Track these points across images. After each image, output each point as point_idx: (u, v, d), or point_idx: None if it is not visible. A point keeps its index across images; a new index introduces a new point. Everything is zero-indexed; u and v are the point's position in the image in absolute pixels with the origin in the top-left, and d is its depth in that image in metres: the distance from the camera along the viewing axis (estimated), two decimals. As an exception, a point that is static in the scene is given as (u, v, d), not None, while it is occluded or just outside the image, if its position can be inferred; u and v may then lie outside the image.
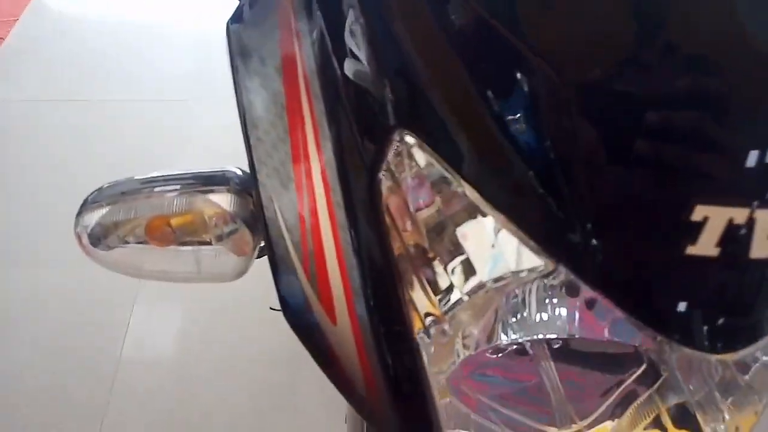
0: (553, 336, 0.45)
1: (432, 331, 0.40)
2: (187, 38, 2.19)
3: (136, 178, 0.50)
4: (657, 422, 0.46)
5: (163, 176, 0.50)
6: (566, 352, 0.46)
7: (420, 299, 0.40)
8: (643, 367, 0.46)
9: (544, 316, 0.44)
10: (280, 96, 0.42)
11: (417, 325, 0.40)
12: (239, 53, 0.44)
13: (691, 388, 0.45)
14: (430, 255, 0.39)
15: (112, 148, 1.80)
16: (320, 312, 0.42)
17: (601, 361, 0.47)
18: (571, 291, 0.44)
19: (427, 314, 0.40)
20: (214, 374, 1.37)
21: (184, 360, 1.40)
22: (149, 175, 0.50)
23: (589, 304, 0.45)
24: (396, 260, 0.40)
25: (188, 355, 1.41)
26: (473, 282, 0.38)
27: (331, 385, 0.44)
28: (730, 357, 0.39)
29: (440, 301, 0.39)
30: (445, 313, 0.39)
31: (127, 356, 1.41)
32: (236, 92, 0.45)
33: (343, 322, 0.42)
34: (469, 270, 0.38)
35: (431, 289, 0.39)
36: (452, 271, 0.38)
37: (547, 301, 0.44)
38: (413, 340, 0.40)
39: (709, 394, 0.45)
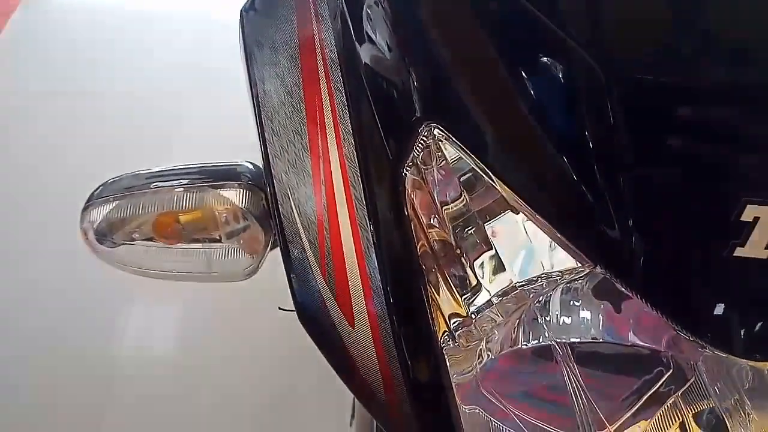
0: (577, 339, 0.43)
1: (458, 333, 0.38)
2: (187, 27, 2.16)
3: (143, 172, 0.48)
4: (683, 427, 0.45)
5: (171, 170, 0.48)
6: (590, 356, 0.44)
7: (445, 300, 0.38)
8: (670, 371, 0.44)
9: (568, 320, 0.43)
10: (298, 87, 0.40)
11: (441, 328, 0.38)
12: (254, 42, 0.42)
13: (719, 393, 0.43)
14: (457, 253, 0.37)
15: (112, 141, 1.77)
16: (337, 313, 0.40)
17: (625, 366, 0.45)
18: (599, 293, 0.43)
19: (453, 315, 0.38)
20: (214, 373, 1.35)
21: (184, 358, 1.38)
22: (157, 169, 0.48)
23: (617, 306, 0.44)
24: (420, 259, 0.38)
25: (187, 353, 1.39)
26: (504, 283, 0.36)
27: (334, 385, 0.42)
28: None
29: (467, 302, 0.37)
30: (473, 315, 0.37)
31: (124, 355, 1.38)
32: (249, 83, 0.43)
33: (362, 323, 0.40)
34: (499, 270, 0.36)
35: (457, 289, 0.37)
36: (481, 270, 0.36)
37: (571, 303, 0.43)
38: (437, 343, 0.38)
39: (738, 400, 0.43)
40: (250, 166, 0.48)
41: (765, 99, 0.30)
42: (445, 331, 0.38)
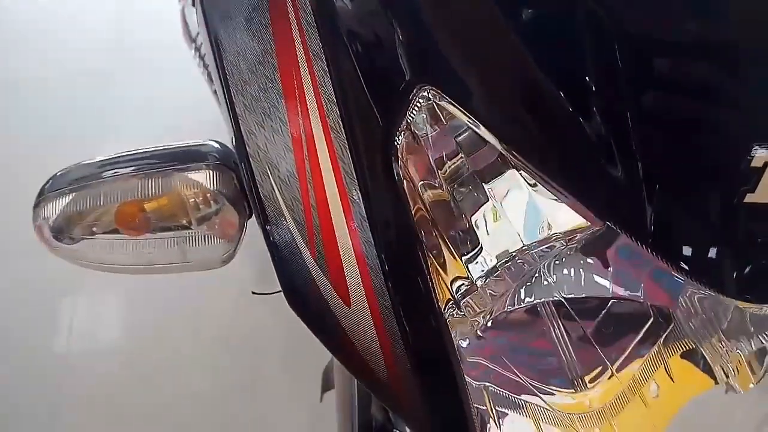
0: (561, 296, 0.44)
1: (464, 302, 0.36)
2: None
3: (95, 160, 0.44)
4: (666, 369, 0.46)
5: (127, 156, 0.44)
6: (575, 311, 0.45)
7: (448, 265, 0.36)
8: (651, 319, 0.45)
9: (552, 279, 0.43)
10: (270, 55, 0.37)
11: (445, 296, 0.37)
12: (216, 10, 0.38)
13: (696, 332, 0.45)
14: (457, 213, 0.36)
15: (36, 130, 1.65)
16: (331, 293, 0.38)
17: (608, 317, 0.46)
18: (587, 250, 0.43)
19: (456, 279, 0.37)
20: (171, 362, 1.30)
21: (137, 350, 1.33)
22: (111, 156, 0.44)
23: (603, 261, 0.44)
24: (417, 226, 0.36)
25: (140, 344, 1.34)
26: (509, 245, 0.35)
27: (296, 369, 0.41)
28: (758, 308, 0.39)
29: (468, 264, 0.36)
30: (479, 281, 0.36)
31: (73, 350, 1.32)
32: (214, 55, 0.39)
33: (359, 301, 0.38)
34: (503, 231, 0.35)
35: (459, 251, 0.36)
36: (483, 230, 0.35)
37: (557, 261, 0.43)
38: (440, 312, 0.37)
39: (717, 340, 0.45)
40: (216, 145, 0.44)
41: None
42: (449, 300, 0.37)
